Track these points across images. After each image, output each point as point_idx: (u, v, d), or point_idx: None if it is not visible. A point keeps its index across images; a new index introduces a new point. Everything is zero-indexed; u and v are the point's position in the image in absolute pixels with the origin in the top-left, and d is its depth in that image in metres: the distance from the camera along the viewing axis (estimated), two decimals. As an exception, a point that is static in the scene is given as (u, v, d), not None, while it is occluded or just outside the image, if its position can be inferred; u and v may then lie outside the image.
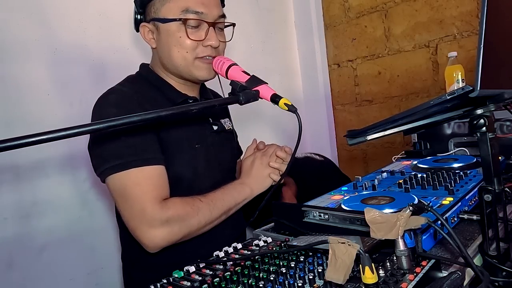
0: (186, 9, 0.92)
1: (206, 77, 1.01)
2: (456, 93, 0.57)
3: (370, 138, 0.79)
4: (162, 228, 0.86)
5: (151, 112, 0.63)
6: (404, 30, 2.45)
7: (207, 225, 0.93)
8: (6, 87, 1.39)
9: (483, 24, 0.55)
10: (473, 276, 0.63)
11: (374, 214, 0.59)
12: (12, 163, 1.38)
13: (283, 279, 0.60)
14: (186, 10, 0.93)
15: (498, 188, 0.61)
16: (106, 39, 1.68)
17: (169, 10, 0.93)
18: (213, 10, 0.95)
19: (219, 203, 0.93)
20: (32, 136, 0.50)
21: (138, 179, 0.87)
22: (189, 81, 1.05)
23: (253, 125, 2.42)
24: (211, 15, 0.95)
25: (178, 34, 0.94)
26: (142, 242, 0.87)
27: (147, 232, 0.86)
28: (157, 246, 0.88)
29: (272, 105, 0.88)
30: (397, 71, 2.52)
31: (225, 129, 1.14)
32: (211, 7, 0.94)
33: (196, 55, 0.97)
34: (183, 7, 0.93)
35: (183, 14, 0.93)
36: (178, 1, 0.93)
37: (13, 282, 1.38)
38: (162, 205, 0.87)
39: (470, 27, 2.18)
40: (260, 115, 2.46)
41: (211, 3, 0.95)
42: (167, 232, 0.87)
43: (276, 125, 2.55)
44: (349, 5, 2.69)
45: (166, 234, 0.87)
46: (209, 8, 0.94)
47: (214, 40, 0.96)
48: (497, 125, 1.33)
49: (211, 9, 0.95)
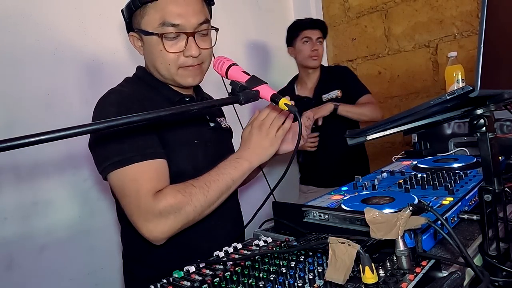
0: (163, 22, 0.92)
1: (191, 83, 1.02)
2: (456, 93, 0.57)
3: (370, 138, 0.79)
4: (157, 221, 0.86)
5: (151, 112, 0.63)
6: (404, 30, 2.45)
7: (205, 209, 0.91)
8: (6, 87, 1.39)
9: (483, 24, 0.55)
10: (473, 276, 0.63)
11: (374, 214, 0.59)
12: (12, 163, 1.38)
13: (283, 279, 0.60)
14: (163, 24, 0.92)
15: (498, 188, 0.61)
16: (106, 39, 1.68)
17: (148, 23, 0.94)
18: (191, 20, 0.94)
19: (213, 185, 0.91)
20: (32, 136, 0.50)
21: (135, 175, 0.88)
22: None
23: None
24: (189, 25, 0.94)
25: (158, 47, 0.95)
26: (144, 236, 0.88)
27: (145, 226, 0.87)
28: (157, 238, 0.88)
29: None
30: (397, 71, 2.53)
31: (222, 127, 1.15)
32: (188, 17, 0.93)
33: (179, 65, 0.98)
34: (160, 20, 0.92)
35: (160, 27, 0.93)
36: (155, 14, 0.93)
37: (13, 282, 1.38)
38: (155, 197, 0.86)
39: (470, 27, 2.18)
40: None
41: (188, 13, 0.93)
42: (163, 224, 0.86)
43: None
44: (349, 5, 2.69)
45: (163, 226, 0.86)
46: (186, 18, 0.93)
47: (194, 51, 0.96)
48: (497, 125, 1.33)
49: (188, 19, 0.93)
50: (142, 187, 0.87)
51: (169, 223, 0.87)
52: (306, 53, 2.08)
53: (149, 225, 0.86)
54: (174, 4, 0.92)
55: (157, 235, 0.87)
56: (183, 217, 0.88)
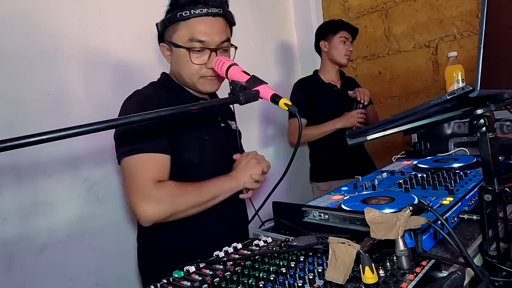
0: (191, 38, 1.09)
1: (209, 90, 1.19)
2: (456, 93, 0.57)
3: (370, 138, 0.79)
4: (153, 204, 1.01)
5: (151, 112, 0.63)
6: (404, 30, 2.45)
7: (194, 207, 1.07)
8: (6, 87, 1.39)
9: (483, 24, 0.55)
10: (473, 276, 0.63)
11: (374, 214, 0.59)
12: (12, 163, 1.38)
13: (283, 279, 0.60)
14: (191, 39, 1.09)
15: (498, 188, 0.61)
16: (106, 39, 1.68)
17: (179, 37, 1.11)
18: (214, 38, 1.10)
19: (205, 189, 1.08)
20: (32, 136, 0.50)
21: (143, 162, 1.04)
22: None
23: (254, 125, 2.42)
24: (213, 42, 1.10)
25: (185, 58, 1.11)
26: (136, 214, 1.03)
27: (142, 206, 1.01)
28: (147, 219, 1.02)
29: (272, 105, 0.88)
30: (397, 71, 2.53)
31: (231, 128, 1.30)
32: (213, 36, 1.10)
33: (201, 75, 1.14)
34: (189, 36, 1.09)
35: (188, 42, 1.10)
36: (185, 31, 1.10)
37: (13, 282, 1.38)
38: (158, 185, 1.02)
39: (470, 27, 2.18)
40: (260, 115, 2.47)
41: (213, 32, 1.10)
42: (158, 208, 1.01)
43: (276, 125, 2.55)
44: (349, 5, 2.69)
45: (157, 210, 1.01)
46: (211, 36, 1.10)
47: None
48: (497, 125, 1.33)
49: (213, 37, 1.10)
50: (146, 173, 1.03)
51: (162, 209, 1.02)
52: (342, 51, 2.24)
53: (145, 206, 1.01)
54: (202, 24, 1.09)
55: (149, 216, 1.01)
56: (175, 207, 1.03)
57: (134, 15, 1.78)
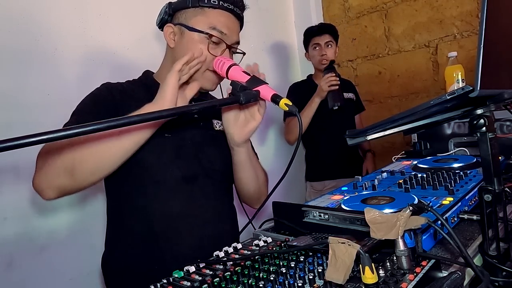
0: (214, 27, 1.02)
1: (209, 88, 1.10)
2: (456, 93, 0.57)
3: (370, 138, 0.79)
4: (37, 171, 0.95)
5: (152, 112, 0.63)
6: (404, 30, 2.45)
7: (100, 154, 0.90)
8: (6, 87, 1.39)
9: (483, 24, 0.55)
10: (473, 276, 0.63)
11: (374, 214, 0.59)
12: (12, 163, 1.38)
13: (283, 279, 0.60)
14: (213, 28, 1.02)
15: (498, 188, 0.61)
16: (106, 39, 1.68)
17: (198, 22, 1.03)
18: (233, 35, 1.06)
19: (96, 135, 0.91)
20: (32, 136, 0.50)
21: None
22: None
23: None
24: (230, 39, 1.06)
25: (200, 45, 1.02)
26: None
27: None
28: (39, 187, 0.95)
29: (272, 105, 0.88)
30: (397, 71, 2.53)
31: (213, 128, 1.15)
32: (232, 32, 1.06)
33: (208, 67, 1.04)
34: (211, 24, 1.02)
35: (210, 30, 1.02)
36: (209, 18, 1.03)
37: (13, 282, 1.38)
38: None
39: (470, 27, 2.18)
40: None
41: (234, 29, 1.07)
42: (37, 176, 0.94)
43: (276, 125, 2.55)
44: (349, 5, 2.69)
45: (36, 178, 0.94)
46: (231, 31, 1.05)
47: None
48: (497, 125, 1.33)
49: (232, 34, 1.06)
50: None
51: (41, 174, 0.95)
52: (316, 58, 2.29)
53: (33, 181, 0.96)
54: (226, 18, 1.04)
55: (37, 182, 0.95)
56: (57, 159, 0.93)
57: (134, 15, 1.78)
